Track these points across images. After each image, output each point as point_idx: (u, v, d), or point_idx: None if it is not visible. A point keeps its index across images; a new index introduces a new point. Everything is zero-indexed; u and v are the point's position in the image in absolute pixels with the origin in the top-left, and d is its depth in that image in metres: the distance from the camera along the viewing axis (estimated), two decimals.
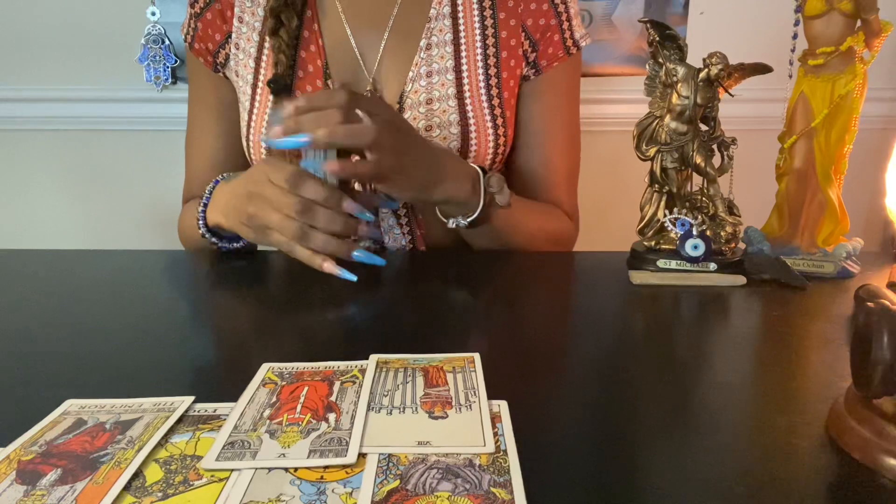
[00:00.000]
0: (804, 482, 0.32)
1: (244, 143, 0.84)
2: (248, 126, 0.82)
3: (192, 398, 0.39)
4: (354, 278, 0.60)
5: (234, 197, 0.67)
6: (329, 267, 0.60)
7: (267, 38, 0.80)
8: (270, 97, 0.79)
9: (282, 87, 0.77)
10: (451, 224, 0.73)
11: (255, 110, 0.82)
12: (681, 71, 0.65)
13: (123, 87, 1.46)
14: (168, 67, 1.45)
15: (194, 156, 0.89)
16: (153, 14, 1.43)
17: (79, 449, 0.34)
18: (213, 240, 0.73)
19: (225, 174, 0.75)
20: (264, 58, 0.81)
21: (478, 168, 0.73)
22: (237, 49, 0.83)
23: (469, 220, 0.72)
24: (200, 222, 0.72)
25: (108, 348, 0.48)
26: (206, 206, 0.72)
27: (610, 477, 0.33)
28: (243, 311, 0.60)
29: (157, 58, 1.45)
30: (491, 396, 0.40)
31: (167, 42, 1.44)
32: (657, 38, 0.66)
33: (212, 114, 0.87)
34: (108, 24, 1.44)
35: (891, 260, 0.74)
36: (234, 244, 0.73)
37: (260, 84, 0.82)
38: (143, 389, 0.41)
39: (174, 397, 0.39)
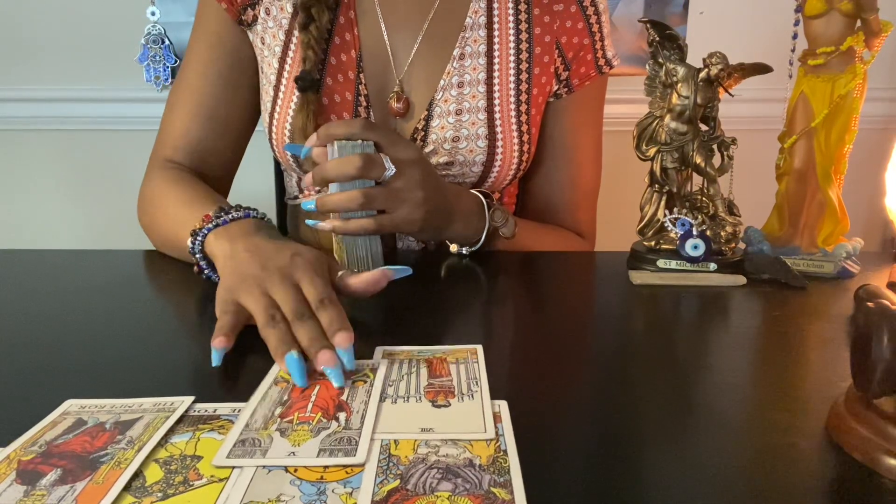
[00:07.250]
0: (804, 482, 0.32)
1: (266, 119, 0.80)
2: (274, 103, 0.78)
3: (192, 398, 0.39)
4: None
5: (257, 258, 0.51)
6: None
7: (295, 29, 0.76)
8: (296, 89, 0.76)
9: (309, 84, 0.74)
10: (454, 249, 0.74)
11: (281, 87, 0.78)
12: (681, 71, 0.65)
13: (123, 87, 1.47)
14: (168, 67, 1.46)
15: (184, 105, 0.79)
16: (153, 14, 1.43)
17: (79, 449, 0.34)
18: (205, 266, 0.60)
19: (263, 214, 0.61)
20: (294, 39, 0.77)
21: (482, 199, 0.74)
22: (267, 15, 0.78)
23: (472, 250, 0.74)
24: (198, 239, 0.59)
25: (108, 348, 0.48)
26: (217, 225, 0.58)
27: (610, 477, 0.33)
28: None
29: (157, 58, 1.45)
30: (491, 397, 0.40)
31: (167, 42, 1.44)
32: (657, 38, 0.66)
33: (218, 63, 0.78)
34: (108, 24, 1.44)
35: (891, 260, 0.74)
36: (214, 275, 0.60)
37: (287, 65, 0.77)
38: (143, 389, 0.41)
39: (174, 397, 0.39)
